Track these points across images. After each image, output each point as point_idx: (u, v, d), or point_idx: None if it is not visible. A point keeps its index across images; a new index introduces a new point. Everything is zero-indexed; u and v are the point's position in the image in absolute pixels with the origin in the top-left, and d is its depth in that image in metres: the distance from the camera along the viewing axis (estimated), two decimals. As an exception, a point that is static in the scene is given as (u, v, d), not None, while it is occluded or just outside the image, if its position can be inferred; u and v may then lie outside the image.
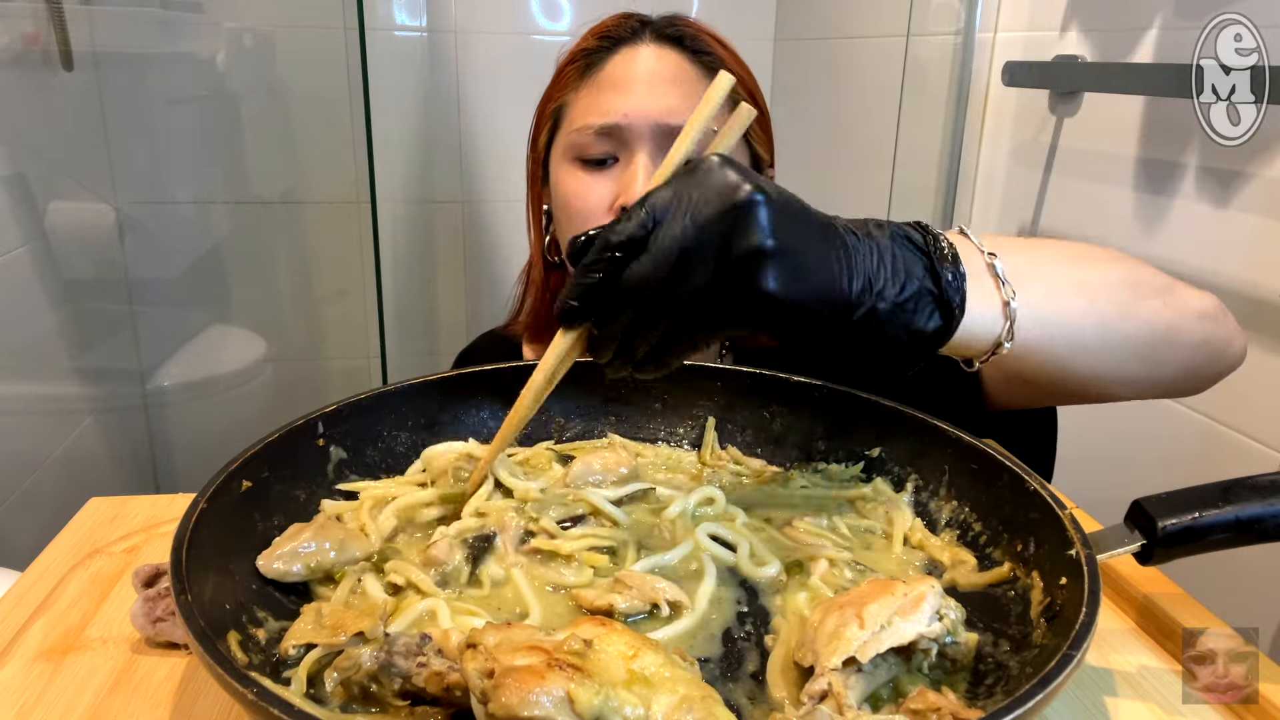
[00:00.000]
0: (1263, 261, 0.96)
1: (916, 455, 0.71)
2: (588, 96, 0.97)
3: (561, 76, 1.00)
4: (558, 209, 1.00)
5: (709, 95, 0.63)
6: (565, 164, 0.97)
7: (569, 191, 0.96)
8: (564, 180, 0.97)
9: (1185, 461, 1.07)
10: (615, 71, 0.96)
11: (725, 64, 0.98)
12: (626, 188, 0.92)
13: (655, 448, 0.80)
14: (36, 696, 0.55)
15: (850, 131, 1.87)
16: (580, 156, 0.95)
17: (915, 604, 0.50)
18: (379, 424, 0.73)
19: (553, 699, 0.41)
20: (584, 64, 0.98)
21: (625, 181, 0.93)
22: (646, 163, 0.92)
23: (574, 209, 0.95)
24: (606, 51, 0.98)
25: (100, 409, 1.98)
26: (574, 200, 0.95)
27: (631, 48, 0.97)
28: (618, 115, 0.93)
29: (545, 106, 1.02)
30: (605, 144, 0.94)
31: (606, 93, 0.95)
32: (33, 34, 1.71)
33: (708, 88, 0.64)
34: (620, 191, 0.93)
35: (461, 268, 2.29)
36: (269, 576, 0.58)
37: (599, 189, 0.94)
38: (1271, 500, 0.56)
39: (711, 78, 0.93)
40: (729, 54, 1.00)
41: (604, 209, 0.94)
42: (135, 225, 2.01)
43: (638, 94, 0.93)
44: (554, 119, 1.01)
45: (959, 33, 1.47)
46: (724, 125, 0.64)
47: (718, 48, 0.99)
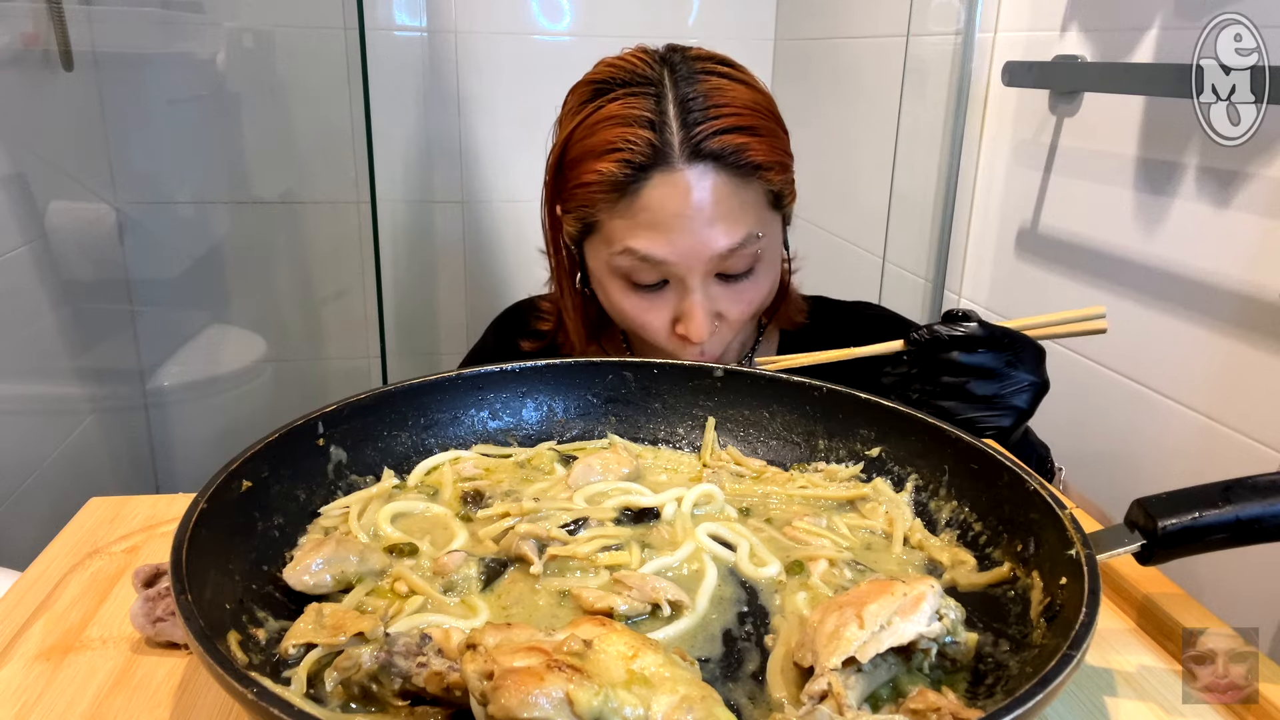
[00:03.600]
0: (1263, 261, 0.96)
1: (916, 455, 0.71)
2: (628, 224, 0.94)
3: (588, 190, 0.95)
4: (610, 310, 1.04)
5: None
6: (614, 277, 0.99)
7: (625, 310, 1.00)
8: (615, 293, 1.00)
9: (1185, 461, 1.07)
10: (652, 204, 0.92)
11: (760, 149, 0.93)
12: (685, 320, 0.97)
13: (656, 449, 0.80)
14: (36, 696, 0.55)
15: (850, 131, 1.87)
16: (629, 278, 0.98)
17: (915, 604, 0.50)
18: (379, 424, 0.73)
19: (552, 700, 0.41)
20: (612, 190, 0.93)
21: (685, 313, 0.97)
22: (701, 299, 0.96)
23: (635, 325, 1.01)
24: (636, 179, 0.92)
25: (100, 409, 1.98)
26: (633, 318, 1.00)
27: (664, 175, 0.91)
28: (667, 253, 0.93)
29: (573, 204, 0.97)
30: (656, 273, 0.96)
31: (649, 229, 0.93)
32: (33, 34, 1.71)
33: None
34: (677, 315, 0.98)
35: (461, 268, 2.29)
36: (298, 589, 0.57)
37: (658, 313, 0.99)
38: (1271, 500, 0.56)
39: (751, 178, 0.95)
40: (762, 118, 0.95)
41: (666, 331, 0.99)
42: (135, 225, 2.01)
43: (685, 233, 0.92)
44: (583, 223, 0.99)
45: (959, 33, 1.47)
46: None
47: (747, 139, 0.92)
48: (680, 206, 0.91)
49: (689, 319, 0.96)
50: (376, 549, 0.62)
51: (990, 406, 0.85)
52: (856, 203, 1.86)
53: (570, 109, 1.00)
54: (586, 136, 0.95)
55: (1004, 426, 0.85)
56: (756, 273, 0.98)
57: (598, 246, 0.99)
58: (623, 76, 0.96)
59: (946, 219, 1.52)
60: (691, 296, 0.95)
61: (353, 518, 0.66)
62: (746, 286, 0.98)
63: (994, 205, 1.42)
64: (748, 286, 0.98)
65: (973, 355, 0.86)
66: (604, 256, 0.98)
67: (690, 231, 0.92)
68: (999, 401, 0.85)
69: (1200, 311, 1.04)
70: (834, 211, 1.93)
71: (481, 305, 2.26)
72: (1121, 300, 1.16)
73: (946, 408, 0.86)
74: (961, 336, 0.86)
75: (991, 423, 0.85)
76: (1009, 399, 0.85)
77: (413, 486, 0.72)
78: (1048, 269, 1.31)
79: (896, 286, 1.68)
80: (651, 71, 0.96)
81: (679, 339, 0.99)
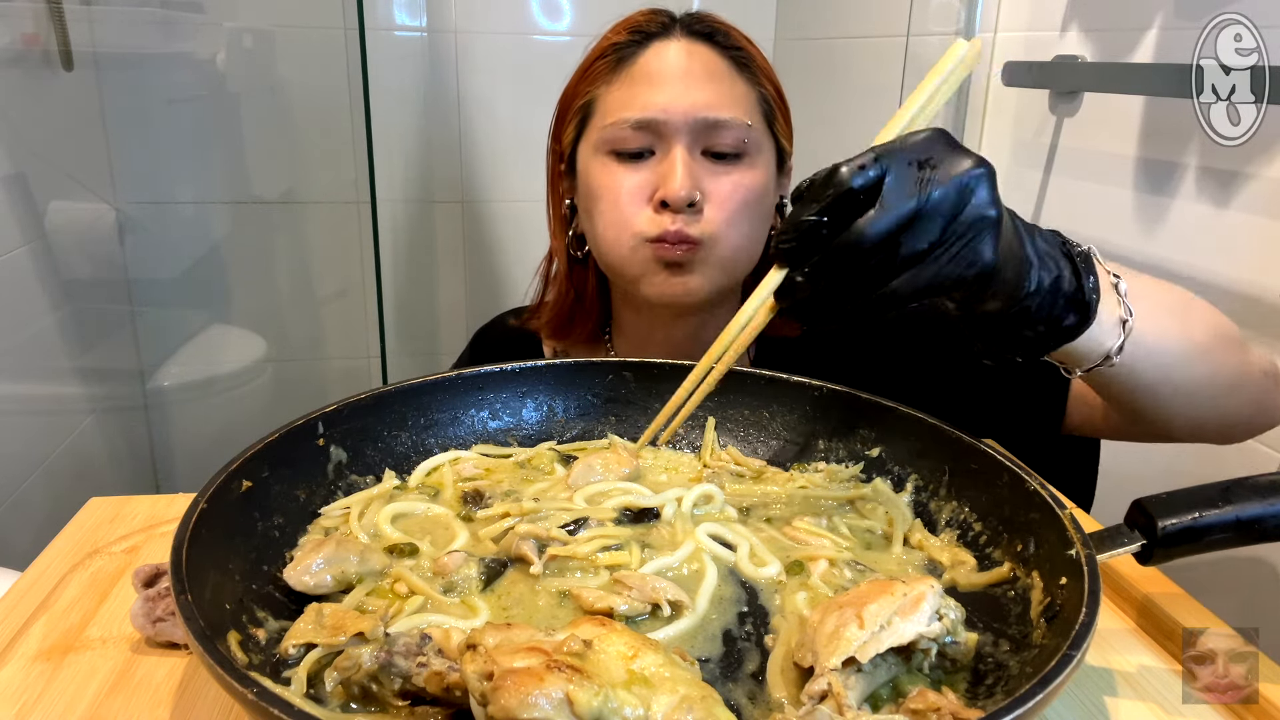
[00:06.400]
0: (1263, 261, 0.96)
1: (916, 455, 0.71)
2: (620, 90, 0.97)
3: (590, 71, 1.00)
4: (588, 201, 0.99)
5: (941, 63, 0.62)
6: (598, 157, 0.97)
7: (603, 184, 0.96)
8: (597, 172, 0.97)
9: (1185, 461, 1.06)
10: (649, 66, 0.96)
11: (754, 60, 0.99)
12: (665, 179, 0.93)
13: (656, 449, 0.80)
14: (36, 696, 0.55)
15: (850, 131, 1.87)
16: (615, 150, 0.96)
17: (915, 604, 0.50)
18: (379, 424, 0.73)
19: (551, 701, 0.41)
20: (614, 59, 0.98)
21: (663, 173, 0.93)
22: (684, 155, 0.93)
23: (609, 199, 0.96)
24: (638, 46, 0.97)
25: (100, 409, 1.98)
26: (609, 191, 0.96)
27: (663, 42, 0.97)
28: (655, 110, 0.93)
29: (571, 102, 1.02)
30: (642, 138, 0.94)
31: (641, 87, 0.95)
32: (33, 34, 1.71)
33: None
34: (658, 183, 0.94)
35: (461, 268, 2.29)
36: (298, 589, 0.57)
37: (636, 180, 0.95)
38: (1271, 500, 0.56)
39: (742, 73, 0.98)
40: (756, 50, 1.01)
41: (642, 199, 0.94)
42: (135, 225, 2.01)
43: (674, 88, 0.94)
44: (582, 114, 1.00)
45: (959, 33, 1.47)
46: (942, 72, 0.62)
47: (745, 43, 1.00)
48: (673, 66, 0.95)
49: (669, 174, 0.93)
50: (377, 549, 0.62)
51: (953, 258, 0.55)
52: (856, 203, 1.85)
53: None
54: (599, 41, 1.01)
55: (989, 265, 0.55)
56: (746, 162, 0.96)
57: (590, 134, 0.99)
58: (634, 25, 1.01)
59: (946, 219, 1.52)
60: (673, 152, 0.93)
61: (353, 518, 0.66)
62: (732, 169, 0.95)
63: (994, 205, 1.42)
64: (734, 170, 0.95)
65: (866, 213, 0.55)
66: (594, 137, 0.98)
67: (678, 88, 0.94)
68: (952, 241, 0.55)
69: (1200, 311, 1.04)
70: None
71: (481, 305, 2.26)
72: (1121, 300, 1.16)
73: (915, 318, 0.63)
74: (830, 199, 0.55)
75: (974, 272, 0.55)
76: (965, 221, 0.55)
77: (414, 487, 0.72)
78: (1048, 269, 1.30)
79: (896, 286, 1.68)
80: (662, 19, 1.01)
81: (657, 212, 0.94)
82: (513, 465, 0.76)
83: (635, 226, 0.94)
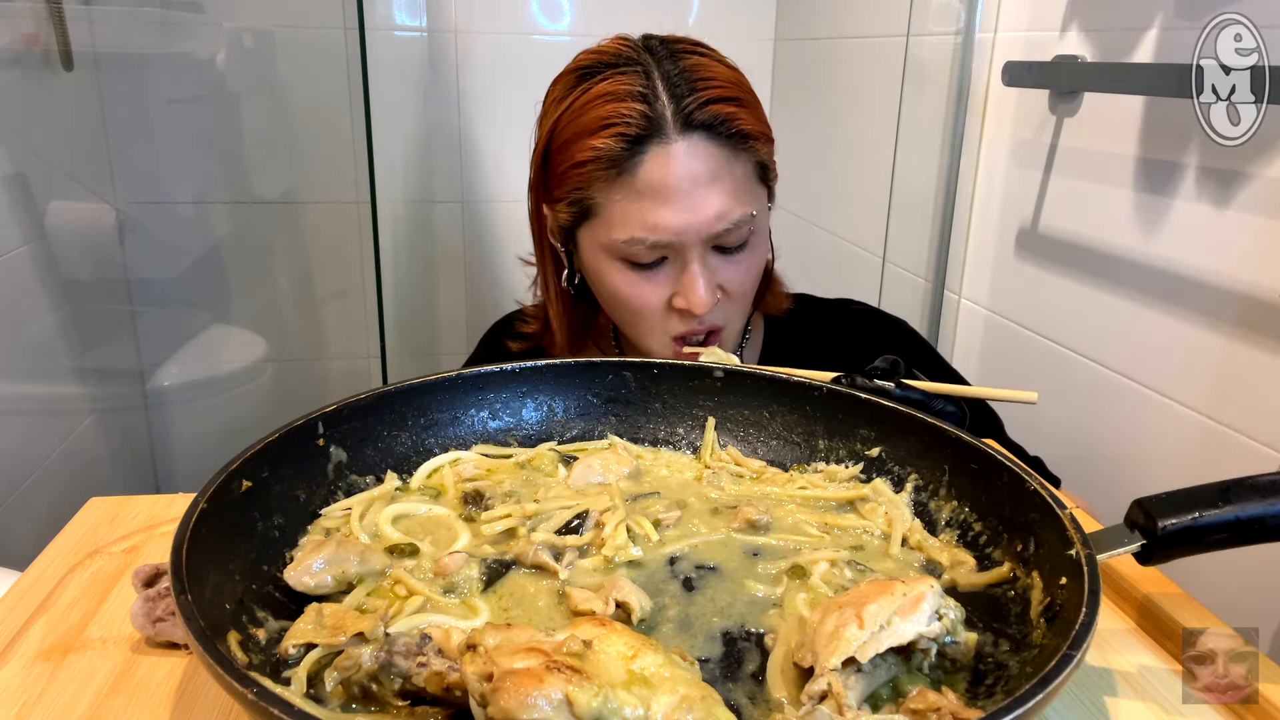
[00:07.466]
0: (1263, 261, 0.96)
1: (916, 455, 0.71)
2: (626, 203, 0.95)
3: (583, 170, 0.96)
4: (601, 290, 1.03)
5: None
6: (610, 260, 0.99)
7: (621, 289, 1.00)
8: (611, 274, 1.00)
9: (1185, 461, 1.06)
10: (650, 177, 0.93)
11: (745, 119, 0.96)
12: (686, 291, 0.97)
13: (656, 449, 0.80)
14: (36, 696, 0.55)
15: (850, 131, 1.87)
16: (628, 259, 0.98)
17: (914, 604, 0.50)
18: (379, 424, 0.73)
19: (551, 702, 0.41)
20: (609, 167, 0.94)
21: (684, 285, 0.97)
22: (701, 268, 0.96)
23: (630, 306, 1.00)
24: (633, 153, 0.94)
25: (100, 409, 1.98)
26: (630, 299, 1.00)
27: (660, 147, 0.93)
28: (669, 233, 0.94)
29: (565, 189, 0.98)
30: (656, 253, 0.97)
31: (648, 201, 0.94)
32: (33, 34, 1.71)
33: None
34: (676, 289, 0.98)
35: (461, 268, 2.29)
36: (298, 590, 0.57)
37: (655, 290, 0.99)
38: (1271, 500, 0.56)
39: (739, 150, 0.96)
40: (744, 92, 0.98)
41: (661, 307, 0.99)
42: (135, 225, 2.01)
43: (683, 203, 0.93)
44: (579, 206, 0.99)
45: (959, 33, 1.47)
46: None
47: (734, 108, 0.95)
48: (678, 179, 0.93)
49: (690, 288, 0.96)
50: (377, 549, 0.62)
51: None
52: (856, 203, 1.86)
53: (555, 98, 1.01)
54: (577, 117, 0.96)
55: None
56: (751, 245, 1.00)
57: (595, 230, 0.99)
58: (607, 59, 0.98)
59: (946, 219, 1.52)
60: (691, 266, 0.96)
61: (355, 519, 0.66)
62: (743, 257, 1.00)
63: (994, 205, 1.42)
64: (744, 257, 1.00)
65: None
66: (603, 239, 0.98)
67: (689, 203, 0.94)
68: None
69: (1200, 311, 1.04)
70: (834, 211, 1.93)
71: (481, 305, 2.26)
72: (1121, 300, 1.16)
73: None
74: (874, 392, 0.76)
75: None
76: None
77: (415, 489, 0.72)
78: (1047, 269, 1.31)
79: (896, 286, 1.68)
80: (633, 54, 0.98)
81: (678, 315, 0.99)
82: (513, 465, 0.76)
83: (660, 330, 1.00)
